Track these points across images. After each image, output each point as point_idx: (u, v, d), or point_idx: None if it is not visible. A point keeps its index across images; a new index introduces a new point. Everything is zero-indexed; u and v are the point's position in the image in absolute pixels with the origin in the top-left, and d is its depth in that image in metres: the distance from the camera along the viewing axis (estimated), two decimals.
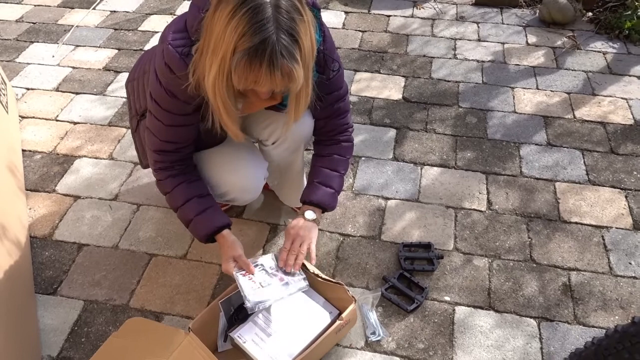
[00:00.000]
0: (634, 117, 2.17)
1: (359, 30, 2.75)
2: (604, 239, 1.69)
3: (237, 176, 1.44)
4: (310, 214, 1.41)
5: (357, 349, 1.41)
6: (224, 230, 1.36)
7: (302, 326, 1.38)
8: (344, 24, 2.81)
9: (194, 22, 1.11)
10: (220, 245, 1.37)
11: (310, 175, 1.47)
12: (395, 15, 2.88)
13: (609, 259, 1.63)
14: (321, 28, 1.23)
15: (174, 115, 1.25)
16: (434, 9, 2.94)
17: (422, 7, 2.94)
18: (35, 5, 2.98)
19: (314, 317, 1.40)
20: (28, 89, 2.34)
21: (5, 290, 1.36)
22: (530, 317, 1.48)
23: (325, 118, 1.42)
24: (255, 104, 1.25)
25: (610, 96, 2.28)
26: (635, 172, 1.92)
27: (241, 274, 1.34)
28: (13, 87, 2.33)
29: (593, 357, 0.89)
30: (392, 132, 2.10)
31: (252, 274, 1.34)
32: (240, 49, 0.99)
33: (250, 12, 0.96)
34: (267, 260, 1.41)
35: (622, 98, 2.27)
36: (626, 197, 1.83)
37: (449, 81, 2.39)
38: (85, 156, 2.00)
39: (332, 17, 2.85)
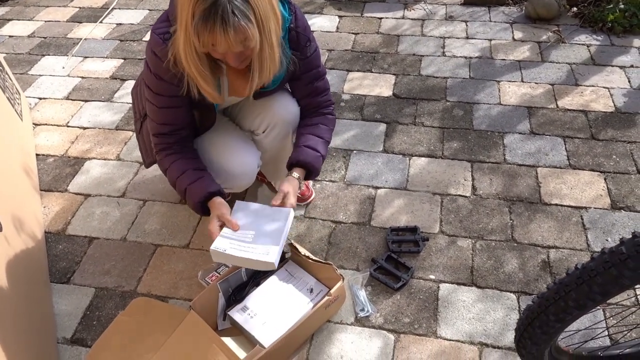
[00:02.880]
0: (614, 105, 2.26)
1: (352, 33, 2.88)
2: (582, 219, 1.78)
3: (233, 163, 1.56)
4: (296, 175, 1.48)
5: (347, 324, 1.52)
6: (215, 196, 1.42)
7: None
8: (337, 27, 2.93)
9: (173, 12, 1.25)
10: (211, 209, 1.42)
11: (297, 141, 1.54)
12: (386, 18, 3.00)
13: (586, 237, 1.72)
14: (290, 7, 1.36)
15: (164, 98, 1.38)
16: (424, 10, 3.05)
17: (413, 9, 3.06)
18: (45, 21, 3.15)
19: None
20: (40, 98, 2.49)
21: (23, 280, 1.49)
22: (510, 292, 1.58)
23: (306, 96, 1.54)
24: (233, 78, 1.38)
25: (593, 86, 2.38)
26: (614, 156, 2.01)
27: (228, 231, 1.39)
28: (27, 97, 2.48)
29: (555, 294, 0.98)
30: (382, 127, 2.21)
31: (235, 230, 1.37)
32: (197, 11, 1.11)
33: None
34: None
35: (604, 87, 2.36)
36: (605, 179, 1.92)
37: (437, 77, 2.49)
38: (94, 158, 2.13)
39: (326, 22, 2.98)
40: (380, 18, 3.00)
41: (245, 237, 1.37)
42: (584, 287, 0.92)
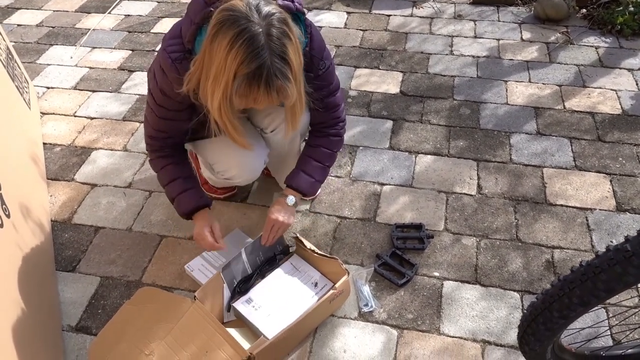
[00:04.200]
0: (622, 107, 2.25)
1: (360, 29, 2.88)
2: (587, 220, 1.78)
3: (239, 155, 1.56)
4: (291, 200, 1.55)
5: (351, 319, 1.53)
6: (202, 209, 1.52)
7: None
8: (345, 24, 2.93)
9: (187, 33, 1.25)
10: (195, 221, 1.53)
11: (298, 162, 1.60)
12: (395, 15, 3.00)
13: (591, 238, 1.72)
14: (307, 30, 1.35)
15: (166, 110, 1.40)
16: (433, 8, 3.05)
17: (422, 7, 3.06)
18: (54, 11, 3.16)
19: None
20: (48, 87, 2.50)
21: (29, 268, 1.50)
22: (514, 291, 1.58)
23: (316, 109, 1.52)
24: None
25: (600, 88, 2.37)
26: (620, 158, 2.01)
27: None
28: (34, 86, 2.49)
29: (559, 291, 0.99)
30: (389, 124, 2.22)
31: (222, 247, 1.52)
32: (240, 74, 1.13)
33: (247, 42, 1.10)
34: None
35: (611, 89, 2.36)
36: (611, 181, 1.92)
37: (444, 76, 2.49)
38: (101, 148, 2.14)
39: (334, 18, 2.98)
40: (389, 15, 3.00)
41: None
42: (588, 284, 0.93)
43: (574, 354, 1.24)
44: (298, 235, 1.61)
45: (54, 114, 2.33)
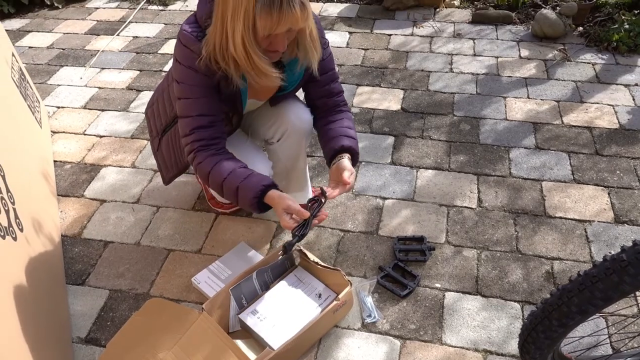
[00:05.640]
0: (619, 122, 2.30)
1: (362, 49, 2.95)
2: (586, 232, 1.81)
3: None
4: (348, 161, 1.50)
5: (355, 329, 1.55)
6: (270, 190, 1.39)
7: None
8: (347, 43, 3.01)
9: (203, 12, 1.33)
10: (272, 205, 1.40)
11: (327, 134, 1.56)
12: (396, 34, 3.07)
13: (590, 249, 1.75)
14: None
15: (201, 88, 1.41)
16: (433, 27, 3.13)
17: (422, 26, 3.13)
18: (64, 34, 3.25)
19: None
20: (59, 107, 2.57)
21: (41, 280, 1.54)
22: (515, 301, 1.61)
23: (322, 97, 1.60)
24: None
25: (598, 103, 2.42)
26: (618, 171, 2.04)
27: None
28: (45, 105, 2.56)
29: (558, 300, 1.02)
30: (390, 139, 2.27)
31: (305, 217, 1.37)
32: None
33: None
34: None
35: (608, 105, 2.41)
36: (609, 194, 1.95)
37: (445, 93, 2.55)
38: (110, 165, 2.20)
39: (337, 37, 3.06)
40: (390, 35, 3.07)
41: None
42: (586, 293, 0.96)
43: None
44: (302, 248, 1.65)
45: (64, 132, 2.40)
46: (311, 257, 1.61)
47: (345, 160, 1.49)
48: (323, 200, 1.43)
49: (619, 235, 1.79)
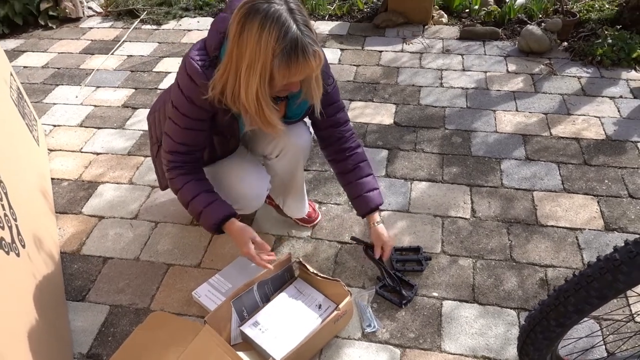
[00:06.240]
0: (605, 133, 2.37)
1: (354, 65, 3.01)
2: (577, 239, 1.86)
3: (244, 184, 1.65)
4: (378, 220, 1.69)
5: (355, 339, 1.58)
6: (230, 219, 1.53)
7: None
8: (339, 60, 3.07)
9: (213, 42, 1.36)
10: (230, 232, 1.54)
11: (355, 190, 1.68)
12: (386, 51, 3.15)
13: (582, 256, 1.80)
14: None
15: (190, 120, 1.46)
16: (422, 43, 3.20)
17: (411, 43, 3.21)
18: (59, 53, 3.28)
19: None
20: (55, 125, 2.59)
21: (43, 296, 1.55)
22: (511, 308, 1.64)
23: (329, 127, 1.63)
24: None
25: (584, 115, 2.50)
26: (606, 181, 2.10)
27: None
28: (42, 124, 2.58)
29: (555, 300, 1.06)
30: (384, 153, 2.31)
31: (268, 250, 1.55)
32: (278, 51, 1.22)
33: (276, 21, 1.20)
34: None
35: (594, 116, 2.48)
36: (598, 202, 2.01)
37: (436, 107, 2.61)
38: (107, 182, 2.22)
39: (328, 54, 3.12)
40: (380, 51, 3.14)
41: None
42: (582, 292, 1.00)
43: None
44: (301, 260, 1.67)
45: (61, 150, 2.42)
46: (310, 268, 1.64)
47: (382, 227, 1.69)
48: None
49: (609, 242, 1.84)
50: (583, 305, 1.01)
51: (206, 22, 3.61)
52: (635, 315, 1.56)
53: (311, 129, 1.71)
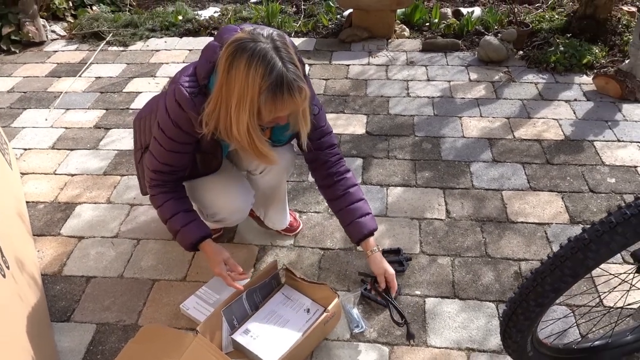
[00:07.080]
0: (564, 133, 2.52)
1: (323, 79, 3.10)
2: (546, 233, 1.97)
3: (228, 199, 1.68)
4: (376, 248, 1.66)
5: (344, 341, 1.62)
6: (206, 239, 1.59)
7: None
8: (308, 74, 3.15)
9: (202, 71, 1.39)
10: (205, 252, 1.60)
11: (346, 217, 1.66)
12: (353, 64, 3.25)
13: (551, 249, 1.90)
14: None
15: (175, 143, 1.50)
16: (387, 56, 3.33)
17: (377, 56, 3.33)
18: (24, 77, 3.24)
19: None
20: (26, 149, 2.56)
21: (28, 318, 1.53)
22: (489, 301, 1.72)
23: (315, 150, 1.64)
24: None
25: (543, 118, 2.65)
26: (568, 178, 2.24)
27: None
28: (12, 148, 2.54)
29: (533, 282, 1.14)
30: (359, 161, 2.39)
31: (240, 273, 1.60)
32: (264, 87, 1.27)
33: (262, 59, 1.25)
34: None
35: (553, 119, 2.64)
36: (562, 198, 2.13)
37: (404, 115, 2.72)
38: (85, 202, 2.20)
39: None
40: (348, 65, 3.25)
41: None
42: (557, 272, 1.08)
43: (550, 347, 1.38)
44: (287, 266, 1.71)
45: (34, 173, 2.39)
46: (297, 273, 1.68)
47: (379, 255, 1.66)
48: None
49: (575, 234, 1.95)
50: (559, 284, 1.09)
51: (173, 42, 3.64)
52: (602, 299, 1.67)
53: (296, 147, 1.75)
